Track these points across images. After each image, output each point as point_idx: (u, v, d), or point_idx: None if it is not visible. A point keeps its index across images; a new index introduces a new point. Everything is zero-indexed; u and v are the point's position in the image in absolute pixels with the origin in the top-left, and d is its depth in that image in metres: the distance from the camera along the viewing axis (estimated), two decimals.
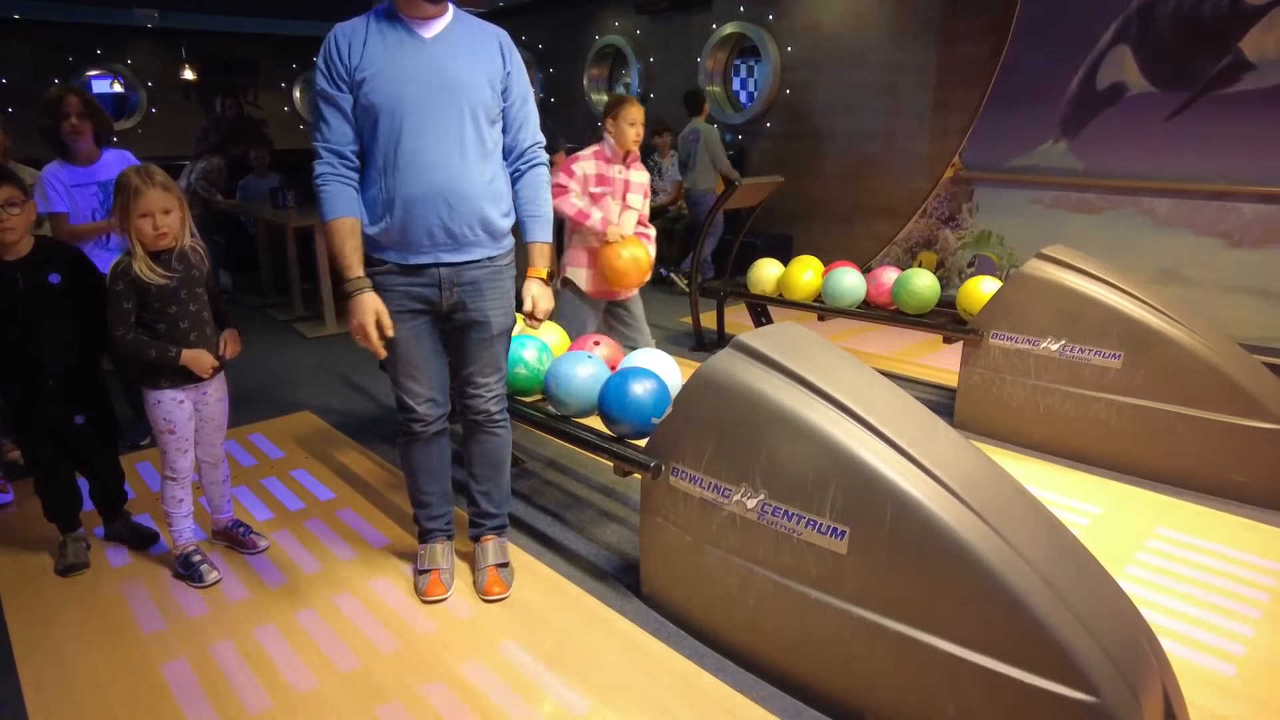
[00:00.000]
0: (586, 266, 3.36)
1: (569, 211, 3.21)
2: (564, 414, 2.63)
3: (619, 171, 3.31)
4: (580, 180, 3.24)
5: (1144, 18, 5.16)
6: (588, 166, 3.25)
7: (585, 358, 2.62)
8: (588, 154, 3.29)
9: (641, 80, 8.51)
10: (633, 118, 3.22)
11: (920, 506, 1.73)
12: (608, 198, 3.27)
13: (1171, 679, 1.76)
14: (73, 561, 2.60)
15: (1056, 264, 3.38)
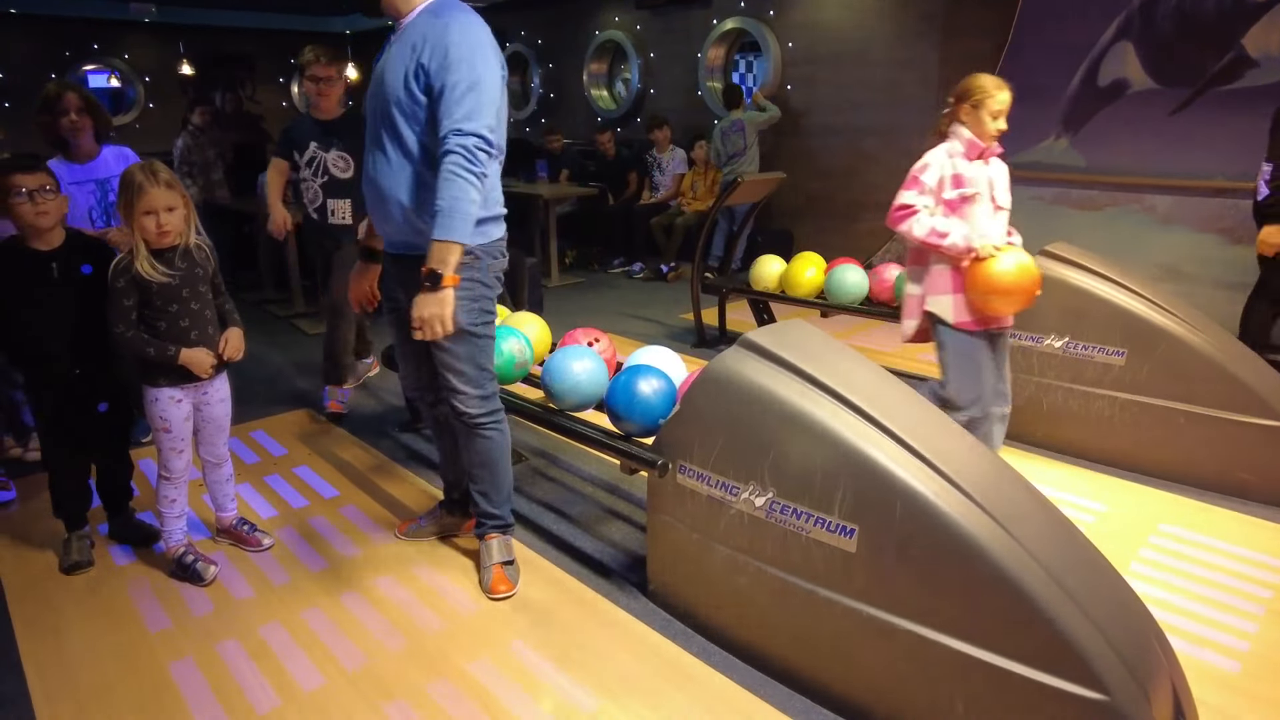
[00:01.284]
0: (952, 292, 2.75)
1: (919, 235, 2.69)
2: (561, 408, 2.64)
3: (980, 168, 2.74)
4: (933, 190, 2.70)
5: (1146, 14, 5.16)
6: (941, 169, 2.69)
7: (583, 352, 2.63)
8: (936, 156, 2.72)
9: (641, 75, 8.49)
10: (998, 107, 2.64)
11: (930, 505, 1.73)
12: (972, 203, 2.70)
13: (1180, 677, 1.77)
14: (77, 560, 2.59)
15: (1060, 261, 3.38)
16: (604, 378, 2.62)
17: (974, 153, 2.72)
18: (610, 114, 8.90)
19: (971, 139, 2.70)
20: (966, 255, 2.66)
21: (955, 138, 2.73)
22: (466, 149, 2.01)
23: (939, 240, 2.66)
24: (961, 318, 2.76)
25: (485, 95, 2.05)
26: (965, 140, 2.71)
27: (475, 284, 2.23)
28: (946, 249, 2.67)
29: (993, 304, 2.66)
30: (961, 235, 2.65)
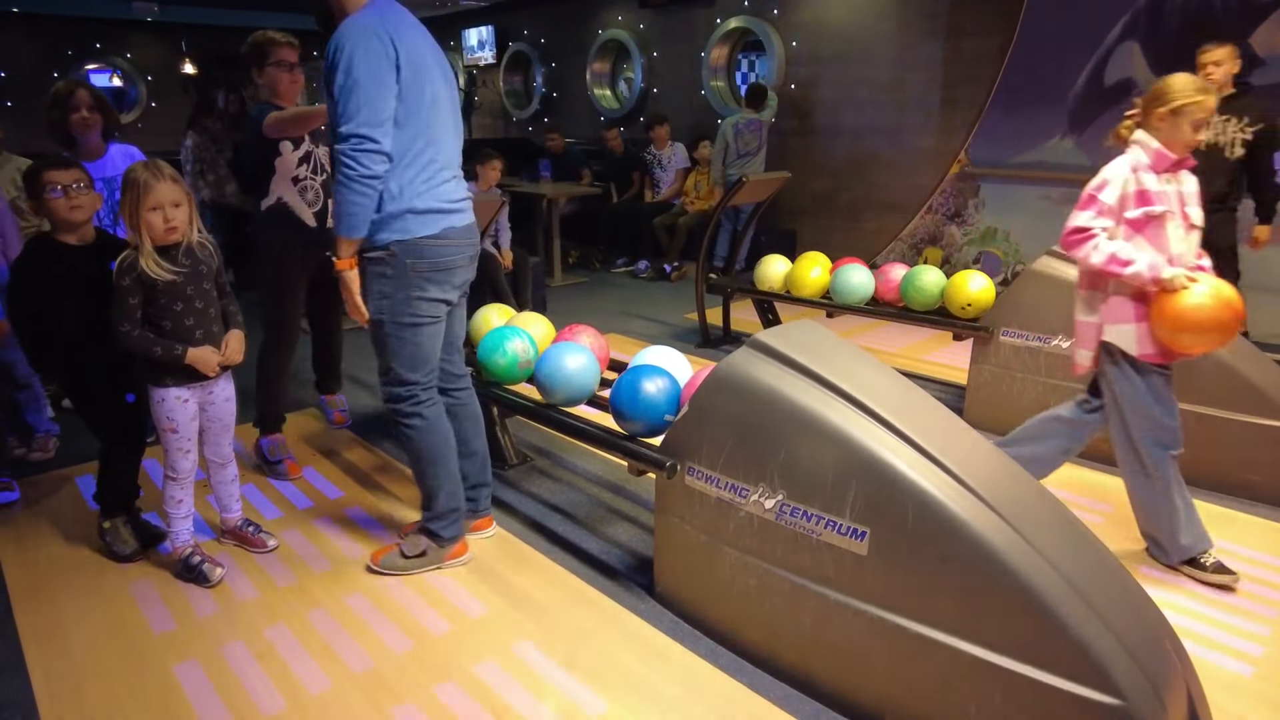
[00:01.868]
0: (1135, 321, 2.41)
1: (1097, 262, 2.34)
2: (551, 402, 2.69)
3: (1168, 181, 2.37)
4: (1112, 210, 2.35)
5: (1153, 13, 5.14)
6: (1122, 185, 2.34)
7: (574, 348, 2.66)
8: (1117, 170, 2.35)
9: (644, 75, 8.48)
10: (1202, 115, 2.28)
11: (942, 507, 1.71)
12: (1160, 223, 2.34)
13: (1195, 681, 1.75)
14: (126, 551, 2.64)
15: (1067, 261, 3.36)
16: (595, 373, 2.66)
17: (1163, 165, 2.35)
18: (614, 113, 8.89)
19: (1161, 150, 2.33)
20: (1152, 286, 2.32)
21: (1141, 148, 2.37)
22: (342, 153, 2.12)
23: (1120, 269, 2.32)
24: (1146, 350, 2.40)
25: (361, 94, 2.09)
26: (1153, 151, 2.35)
27: (384, 279, 2.27)
28: (1129, 279, 2.33)
29: (1183, 342, 2.32)
30: (1146, 264, 2.29)
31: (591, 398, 2.75)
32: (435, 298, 2.33)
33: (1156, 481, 2.51)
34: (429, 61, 2.25)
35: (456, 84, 2.44)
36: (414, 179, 2.22)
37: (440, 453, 2.45)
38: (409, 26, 2.25)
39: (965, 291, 3.67)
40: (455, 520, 2.54)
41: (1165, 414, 2.47)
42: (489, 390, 2.92)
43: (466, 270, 2.43)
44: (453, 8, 10.59)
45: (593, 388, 2.69)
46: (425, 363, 2.39)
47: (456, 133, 2.38)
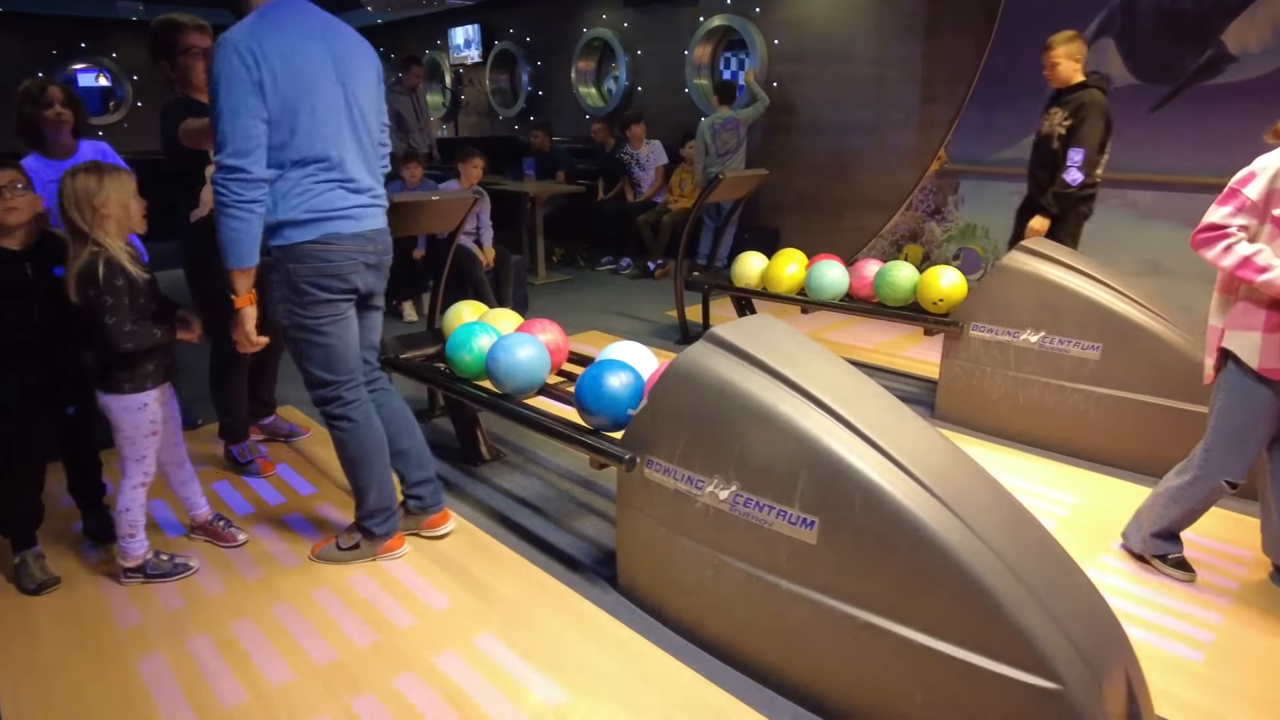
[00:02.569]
0: (1263, 330, 2.20)
1: (1228, 265, 2.14)
2: (502, 392, 2.75)
3: None
4: (1256, 206, 2.12)
5: (1128, 11, 5.17)
6: (1272, 180, 2.10)
7: (523, 339, 2.72)
8: (1270, 162, 2.11)
9: (629, 73, 8.50)
10: None
11: (888, 497, 1.74)
12: None
13: (1135, 666, 1.78)
14: (43, 579, 2.50)
15: (1036, 256, 3.40)
16: (544, 364, 2.74)
17: None
18: (599, 111, 8.90)
19: None
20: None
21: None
22: (217, 182, 2.14)
23: (1254, 276, 2.11)
24: (1269, 364, 2.21)
25: (226, 123, 2.10)
26: None
27: (278, 285, 2.31)
28: (1262, 286, 2.12)
29: None
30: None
31: (541, 388, 2.79)
32: (328, 299, 2.31)
33: (1180, 487, 2.44)
34: (314, 71, 2.19)
35: (373, 85, 2.38)
36: (289, 190, 2.21)
37: (368, 454, 2.47)
38: (292, 35, 2.18)
39: (937, 287, 3.70)
40: (386, 518, 2.58)
41: (1258, 440, 2.32)
42: (456, 386, 2.94)
43: (363, 275, 2.38)
44: (439, 7, 10.59)
45: (541, 378, 2.73)
46: (340, 363, 2.40)
47: (359, 138, 2.32)
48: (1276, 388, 2.24)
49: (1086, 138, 3.77)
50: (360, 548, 2.60)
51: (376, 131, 2.42)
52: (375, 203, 2.41)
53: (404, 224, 3.42)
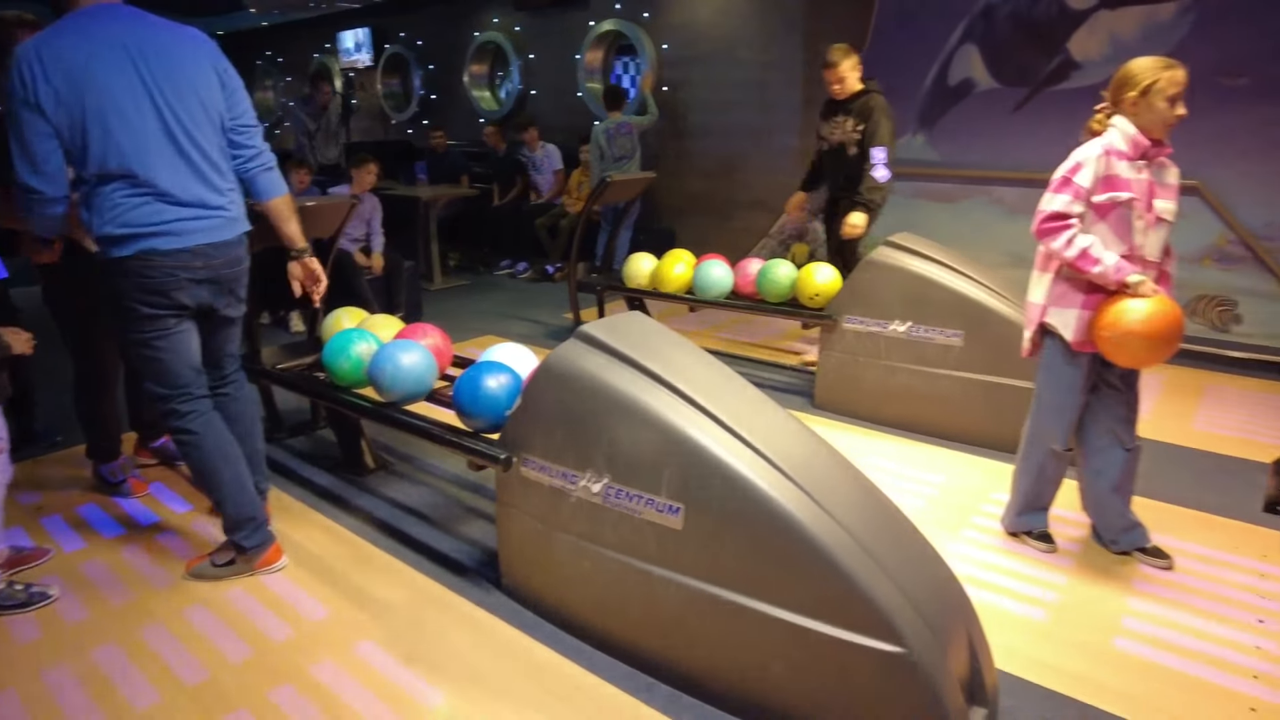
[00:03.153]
0: (1080, 308, 2.40)
1: (1069, 256, 2.32)
2: (387, 400, 2.71)
3: (1140, 170, 2.34)
4: (1087, 193, 2.31)
5: (987, 18, 5.51)
6: (1096, 168, 2.30)
7: (407, 346, 2.69)
8: (1091, 151, 2.32)
9: (522, 77, 8.49)
10: (1175, 90, 2.24)
11: (746, 481, 1.82)
12: (1128, 209, 2.31)
13: (977, 627, 1.92)
14: None
15: (902, 250, 3.59)
16: (431, 370, 2.67)
17: (1136, 150, 2.32)
18: (494, 114, 8.85)
19: (1135, 135, 2.30)
20: (1117, 287, 2.31)
21: (1118, 132, 2.33)
22: (16, 198, 2.14)
23: (1089, 267, 2.30)
24: (1082, 338, 2.41)
25: (14, 143, 2.08)
26: (1129, 137, 2.31)
27: (106, 299, 2.29)
28: (1095, 277, 2.31)
29: (1128, 347, 2.29)
30: (1114, 265, 2.28)
31: (430, 395, 2.77)
32: (151, 315, 2.25)
33: (1027, 460, 2.66)
34: (108, 81, 2.09)
35: (203, 89, 2.25)
36: (101, 205, 2.15)
37: (213, 464, 2.42)
38: (89, 43, 2.09)
39: (813, 283, 3.86)
40: (253, 529, 2.52)
41: (1072, 409, 2.52)
42: (335, 395, 2.90)
43: (192, 291, 2.27)
44: (328, 9, 10.32)
45: (429, 385, 2.71)
46: (171, 376, 2.34)
47: (179, 148, 2.20)
48: (1088, 360, 2.46)
49: (885, 138, 4.07)
50: (235, 563, 2.53)
51: (214, 137, 2.28)
52: (207, 215, 2.26)
53: None
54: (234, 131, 2.34)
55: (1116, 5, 4.95)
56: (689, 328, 5.44)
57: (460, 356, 3.18)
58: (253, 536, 2.51)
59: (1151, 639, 2.24)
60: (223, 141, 2.32)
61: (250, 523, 2.50)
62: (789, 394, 4.14)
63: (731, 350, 5.02)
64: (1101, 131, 2.38)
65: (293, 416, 3.78)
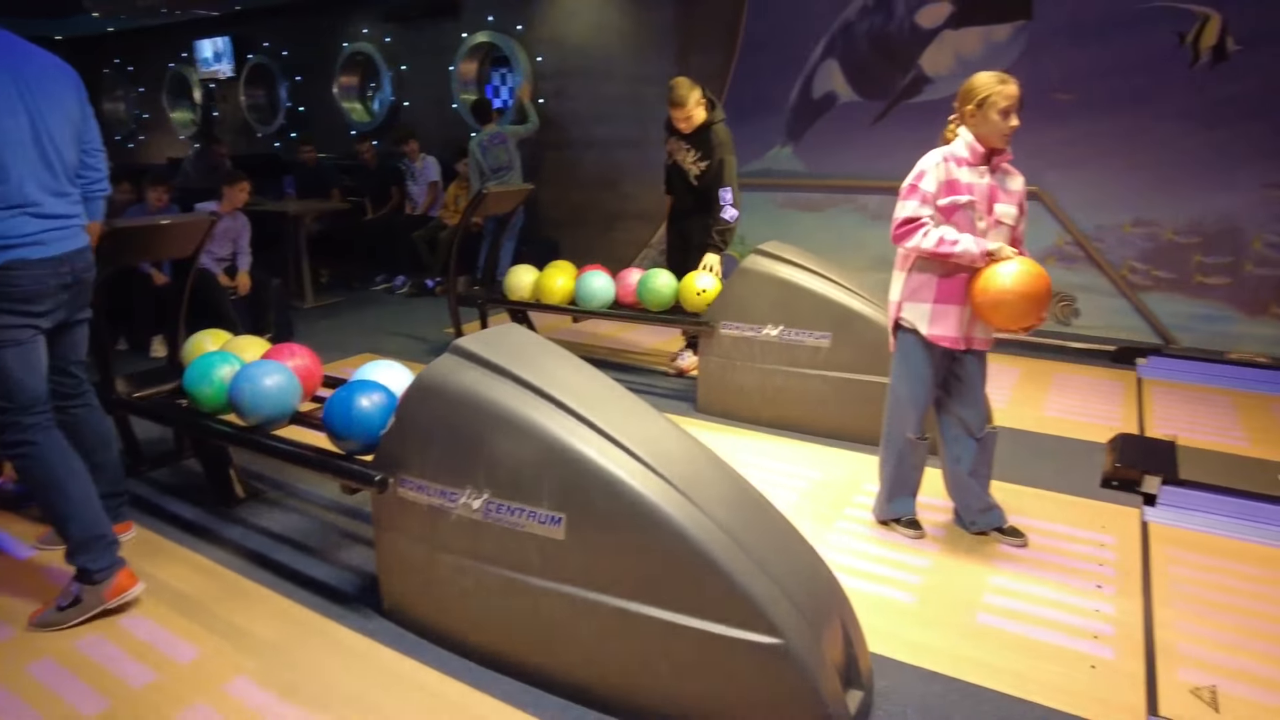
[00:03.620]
0: (933, 302, 2.58)
1: (928, 247, 2.48)
2: (250, 424, 2.62)
3: (980, 176, 2.53)
4: (933, 197, 2.51)
5: (846, 35, 5.81)
6: (937, 174, 2.51)
7: (270, 367, 2.61)
8: (931, 159, 2.53)
9: (394, 88, 8.30)
10: (1006, 103, 2.42)
11: (625, 487, 1.85)
12: (967, 211, 2.50)
13: (850, 613, 2.02)
14: None
15: (771, 258, 3.74)
16: (295, 391, 2.59)
17: (976, 158, 2.52)
18: (366, 126, 8.62)
19: (973, 143, 2.51)
20: (982, 261, 2.46)
21: (960, 141, 2.54)
22: None
23: (951, 248, 2.46)
24: (936, 330, 2.60)
25: None
26: (968, 145, 2.52)
27: None
28: (959, 257, 2.47)
29: (1003, 306, 2.43)
30: (972, 240, 2.46)
31: (298, 417, 2.67)
32: (13, 324, 2.26)
33: (888, 450, 2.82)
34: None
35: (69, 112, 2.37)
36: None
37: (58, 476, 2.32)
38: None
39: (692, 291, 3.97)
40: (102, 549, 2.35)
41: (924, 399, 2.70)
42: (197, 422, 2.75)
43: (57, 296, 2.35)
44: (182, 16, 9.78)
45: (291, 407, 2.62)
46: (20, 390, 2.30)
47: (50, 165, 2.31)
48: (939, 353, 2.64)
49: (730, 177, 4.21)
50: (83, 600, 2.34)
51: (72, 158, 2.40)
52: (67, 225, 2.37)
53: (132, 250, 3.16)
54: (86, 154, 2.48)
55: (960, 25, 5.33)
56: (573, 339, 5.45)
57: (332, 376, 3.08)
58: (101, 557, 2.34)
59: (1008, 611, 2.41)
60: (77, 161, 2.45)
61: (99, 541, 2.34)
62: (673, 399, 4.22)
63: (616, 359, 5.07)
64: (952, 139, 2.59)
65: (154, 447, 3.54)
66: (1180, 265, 4.95)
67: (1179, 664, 2.18)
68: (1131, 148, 4.96)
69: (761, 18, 6.08)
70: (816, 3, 5.85)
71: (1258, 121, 4.61)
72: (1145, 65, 4.83)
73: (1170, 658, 2.21)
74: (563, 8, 7.05)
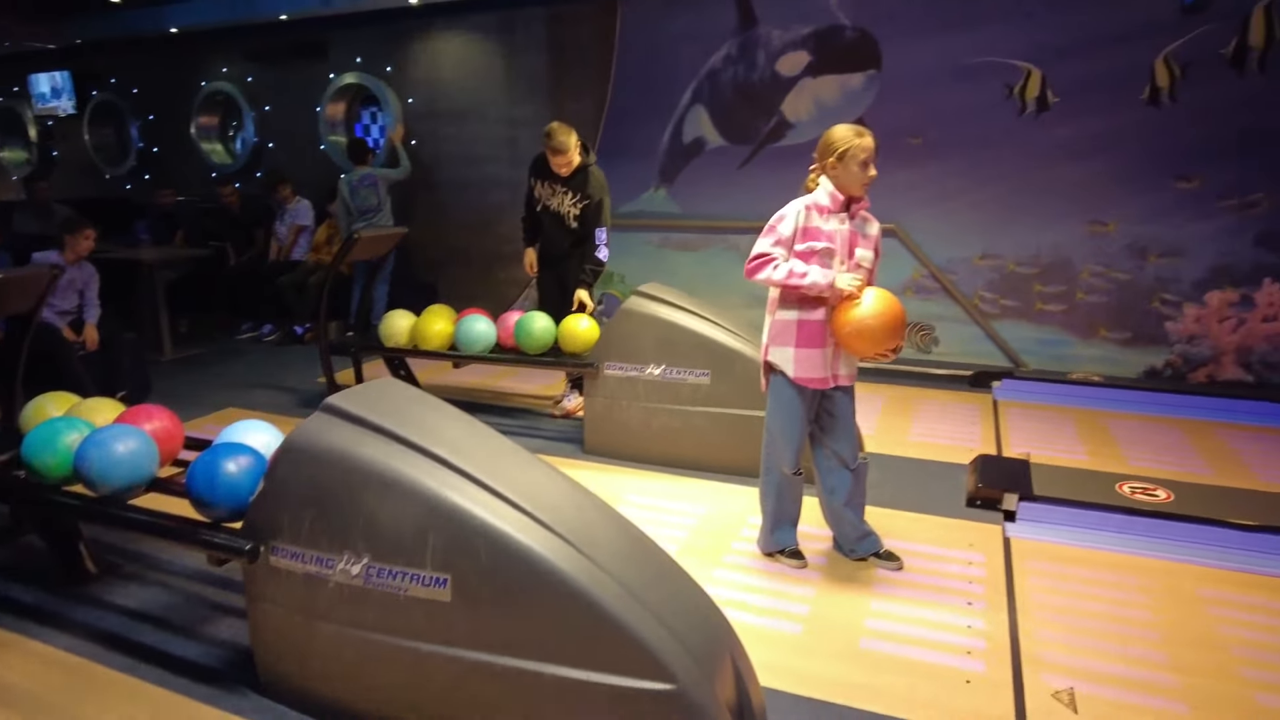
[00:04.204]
0: (795, 345, 2.71)
1: (778, 279, 2.61)
2: (101, 495, 2.43)
3: (840, 223, 2.66)
4: (787, 240, 2.64)
5: (712, 83, 6.05)
6: (796, 220, 2.63)
7: (126, 431, 2.45)
8: (793, 207, 2.66)
9: (257, 129, 7.99)
10: (864, 155, 2.57)
11: (512, 542, 1.83)
12: (826, 257, 2.63)
13: (741, 651, 2.04)
14: None
15: (651, 299, 3.81)
16: (149, 457, 2.43)
17: (837, 205, 2.67)
18: (228, 168, 8.24)
19: (834, 192, 2.66)
20: (829, 293, 2.61)
21: (821, 190, 2.68)
22: None
23: (800, 280, 2.60)
24: (801, 373, 2.72)
25: None
26: (829, 193, 2.67)
27: None
28: (807, 289, 2.61)
29: (864, 335, 2.58)
30: (820, 273, 2.59)
31: (157, 484, 2.50)
32: None
33: (767, 484, 2.92)
34: None
35: None
36: None
37: None
38: None
39: (575, 331, 4.00)
40: None
41: (797, 436, 2.80)
42: (40, 496, 2.52)
43: None
44: (14, 47, 9.09)
45: (148, 474, 2.44)
46: None
47: None
48: (809, 391, 2.76)
49: (605, 218, 4.36)
50: None
51: None
52: None
53: None
54: None
55: (818, 74, 5.66)
56: (454, 384, 5.35)
57: (196, 438, 2.89)
58: None
59: (889, 634, 2.52)
60: None
61: None
62: (560, 442, 4.20)
63: (500, 403, 5.01)
64: (814, 188, 2.73)
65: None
66: (1023, 294, 5.39)
67: (1042, 670, 2.34)
68: (975, 187, 5.39)
69: (631, 65, 6.25)
70: (682, 51, 6.07)
71: (1077, 165, 5.11)
72: (981, 113, 5.27)
73: (1034, 665, 2.37)
74: (433, 50, 7.02)
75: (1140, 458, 3.96)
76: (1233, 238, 4.86)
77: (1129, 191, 5.03)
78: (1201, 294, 4.96)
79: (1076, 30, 4.97)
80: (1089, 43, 4.96)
